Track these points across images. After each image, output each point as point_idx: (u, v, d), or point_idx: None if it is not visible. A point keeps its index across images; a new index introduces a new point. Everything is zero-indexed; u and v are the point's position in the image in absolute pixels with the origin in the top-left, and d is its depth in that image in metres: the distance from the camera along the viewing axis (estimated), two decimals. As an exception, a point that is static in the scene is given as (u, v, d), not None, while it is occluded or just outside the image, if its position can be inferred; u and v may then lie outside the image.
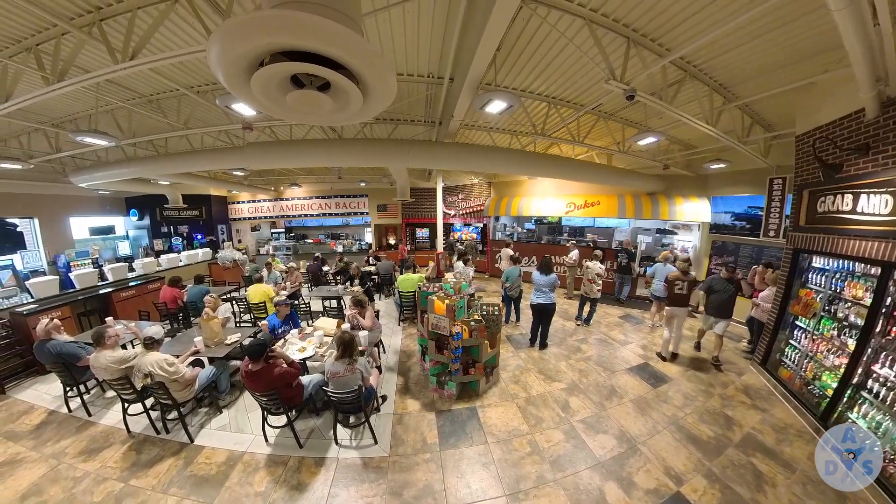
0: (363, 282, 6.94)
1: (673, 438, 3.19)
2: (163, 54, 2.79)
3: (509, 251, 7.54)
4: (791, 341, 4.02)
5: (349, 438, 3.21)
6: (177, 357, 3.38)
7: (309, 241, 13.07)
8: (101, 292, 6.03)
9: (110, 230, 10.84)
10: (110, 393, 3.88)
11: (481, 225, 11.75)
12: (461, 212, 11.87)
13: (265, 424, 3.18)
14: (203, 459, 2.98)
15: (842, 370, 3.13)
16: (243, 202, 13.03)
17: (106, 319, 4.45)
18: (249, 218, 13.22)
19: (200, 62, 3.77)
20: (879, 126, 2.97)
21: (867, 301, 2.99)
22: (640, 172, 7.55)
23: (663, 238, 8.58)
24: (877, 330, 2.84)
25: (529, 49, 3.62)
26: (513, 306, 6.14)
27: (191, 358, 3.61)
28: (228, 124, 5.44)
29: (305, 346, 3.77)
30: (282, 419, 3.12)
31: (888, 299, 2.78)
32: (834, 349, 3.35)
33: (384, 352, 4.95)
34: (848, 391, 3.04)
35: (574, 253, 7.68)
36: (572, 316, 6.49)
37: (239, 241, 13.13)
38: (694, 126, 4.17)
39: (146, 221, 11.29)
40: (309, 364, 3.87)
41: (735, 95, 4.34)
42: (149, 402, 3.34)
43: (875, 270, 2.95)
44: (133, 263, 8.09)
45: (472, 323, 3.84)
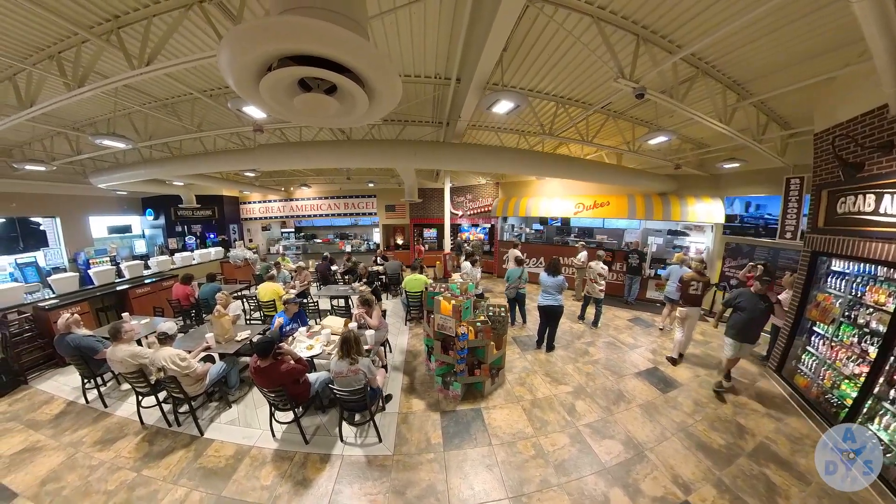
0: (371, 281, 7.00)
1: (682, 446, 3.11)
2: (177, 60, 2.87)
3: (517, 252, 7.48)
4: (808, 348, 3.88)
5: (354, 436, 3.24)
6: (189, 352, 3.47)
7: (318, 241, 13.27)
8: (118, 289, 6.24)
9: (127, 229, 11.22)
10: (125, 386, 4.03)
11: (489, 226, 11.71)
12: (469, 212, 11.85)
13: (273, 420, 3.24)
14: (212, 452, 3.05)
15: (862, 379, 3.01)
16: (254, 202, 13.30)
17: (122, 315, 4.60)
18: (260, 218, 13.48)
19: (213, 67, 3.86)
20: (904, 123, 2.85)
21: (890, 307, 2.87)
22: (651, 172, 7.40)
23: (675, 239, 8.40)
24: (900, 337, 2.72)
25: (536, 48, 3.59)
26: (517, 308, 6.09)
27: (202, 353, 3.71)
28: (240, 127, 5.56)
29: (313, 344, 3.83)
30: (289, 415, 3.17)
31: (913, 305, 2.67)
32: (854, 357, 3.22)
33: (390, 351, 4.97)
34: (868, 401, 2.91)
35: (582, 254, 7.58)
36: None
37: (250, 241, 13.41)
38: (706, 124, 4.07)
39: (161, 221, 11.65)
40: (316, 362, 3.92)
41: (750, 92, 4.21)
42: (161, 396, 3.45)
43: (899, 275, 2.83)
44: (148, 261, 8.33)
45: (478, 324, 3.84)
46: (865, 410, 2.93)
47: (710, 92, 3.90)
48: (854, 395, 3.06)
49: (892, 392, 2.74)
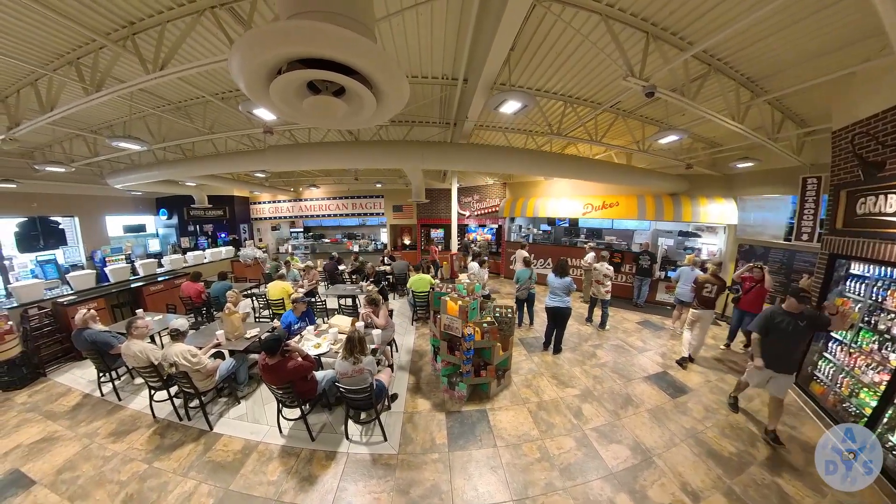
0: (378, 281, 7.04)
1: (691, 452, 3.04)
2: (190, 64, 2.95)
3: (524, 253, 7.45)
4: (825, 354, 3.74)
5: (360, 434, 3.27)
6: (199, 349, 3.55)
7: (326, 241, 13.40)
8: (133, 286, 6.42)
9: (142, 228, 11.52)
10: (139, 380, 4.14)
11: (496, 226, 11.66)
12: (476, 213, 11.82)
13: (280, 416, 3.29)
14: (221, 447, 3.12)
15: (882, 387, 2.89)
16: (264, 202, 13.51)
17: (136, 312, 4.73)
18: (270, 218, 13.69)
19: (224, 70, 3.94)
20: (929, 121, 2.74)
21: (913, 312, 2.76)
22: (662, 172, 7.26)
23: (686, 241, 8.23)
24: (924, 343, 2.62)
25: (544, 48, 3.57)
26: (525, 309, 6.05)
27: (212, 350, 3.78)
28: (250, 128, 5.66)
29: (320, 343, 3.87)
30: (296, 412, 3.22)
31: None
32: (874, 364, 3.10)
33: (397, 351, 4.99)
34: (889, 411, 2.80)
35: (590, 255, 7.49)
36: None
37: (260, 240, 13.64)
38: (719, 123, 3.97)
39: (174, 220, 11.93)
40: (324, 360, 3.96)
41: (764, 89, 4.09)
42: (173, 390, 3.53)
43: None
44: (162, 260, 8.54)
45: (485, 325, 3.82)
46: (886, 420, 2.82)
47: (723, 89, 3.81)
48: (874, 404, 2.94)
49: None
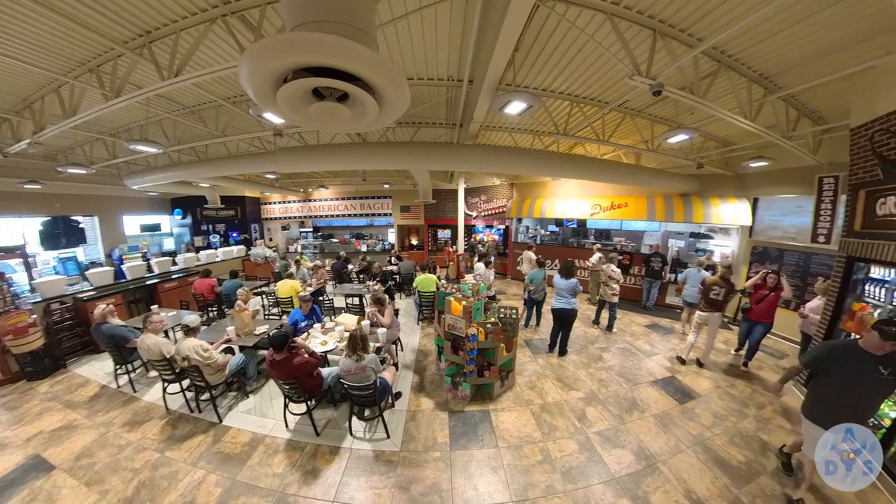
0: (385, 280, 7.11)
1: (697, 459, 2.98)
2: (203, 70, 3.06)
3: (531, 254, 7.40)
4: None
5: (363, 431, 3.31)
6: (211, 344, 3.66)
7: (335, 241, 13.58)
8: (148, 283, 6.65)
9: (157, 227, 11.93)
10: (153, 373, 4.29)
11: (503, 227, 11.63)
12: (483, 213, 11.81)
13: (286, 411, 3.37)
14: (229, 439, 3.21)
15: (902, 394, 2.78)
16: (274, 203, 13.80)
17: (151, 308, 4.91)
18: (280, 218, 13.97)
19: (235, 76, 4.02)
20: (953, 118, 2.62)
21: (935, 317, 2.64)
22: (672, 172, 7.12)
23: (698, 242, 8.04)
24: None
25: (549, 47, 3.55)
26: (534, 309, 6.01)
27: (223, 345, 3.90)
28: (261, 131, 5.81)
29: (327, 340, 3.94)
30: (302, 407, 3.28)
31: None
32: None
33: (402, 349, 5.03)
34: (909, 419, 2.69)
35: (595, 256, 7.40)
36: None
37: (270, 240, 13.93)
38: (730, 121, 3.88)
39: (188, 220, 12.30)
40: (330, 357, 4.03)
41: (778, 86, 3.96)
42: (185, 384, 3.65)
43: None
44: (176, 258, 8.80)
45: (489, 325, 3.82)
46: (905, 429, 2.71)
47: (734, 87, 3.72)
48: (893, 416, 2.83)
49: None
